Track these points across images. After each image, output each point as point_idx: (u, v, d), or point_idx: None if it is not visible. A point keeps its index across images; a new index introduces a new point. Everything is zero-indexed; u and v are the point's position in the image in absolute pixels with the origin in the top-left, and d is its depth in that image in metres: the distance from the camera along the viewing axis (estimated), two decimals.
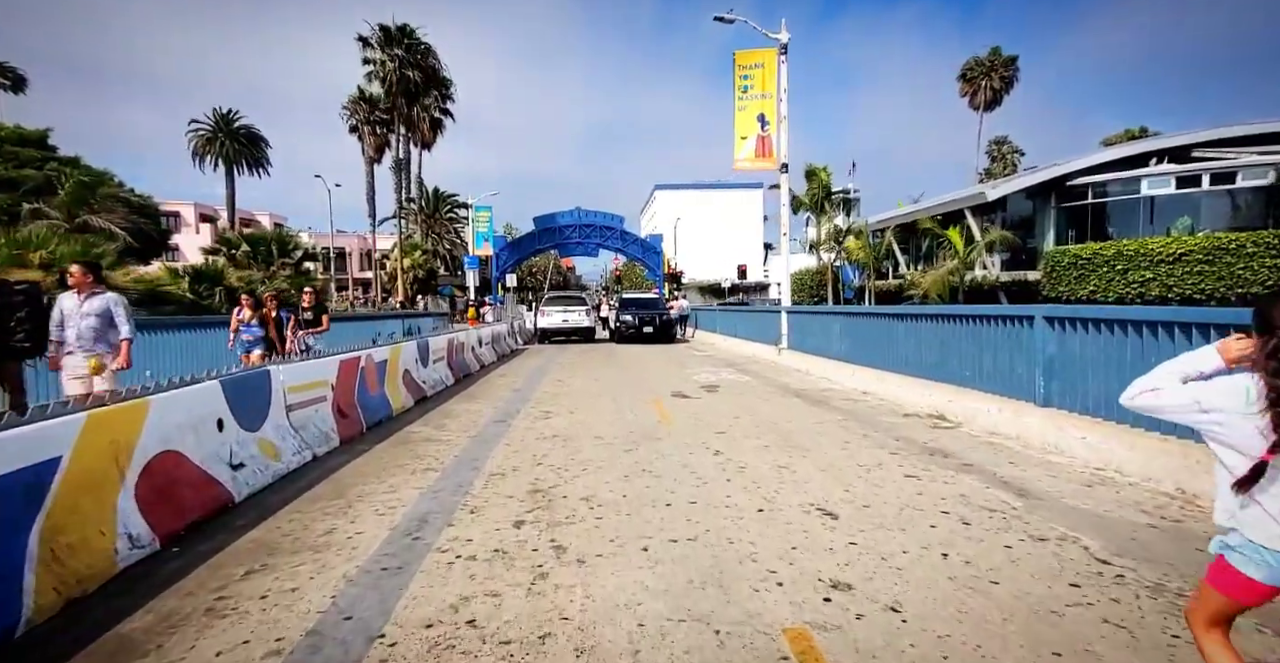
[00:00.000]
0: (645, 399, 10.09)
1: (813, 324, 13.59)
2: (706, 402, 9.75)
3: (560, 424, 8.01)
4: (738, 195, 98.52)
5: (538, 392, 11.23)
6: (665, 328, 23.55)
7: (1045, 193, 23.87)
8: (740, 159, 15.50)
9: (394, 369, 9.61)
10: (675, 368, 15.06)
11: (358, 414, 7.68)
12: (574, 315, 25.46)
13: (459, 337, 14.77)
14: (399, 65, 38.45)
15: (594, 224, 48.13)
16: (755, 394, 10.47)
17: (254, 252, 23.32)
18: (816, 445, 6.53)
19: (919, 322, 8.75)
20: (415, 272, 41.61)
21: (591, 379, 13.00)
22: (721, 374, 13.59)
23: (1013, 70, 59.08)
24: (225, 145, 56.28)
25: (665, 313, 24.22)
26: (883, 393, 9.64)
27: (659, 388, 11.49)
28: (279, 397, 5.95)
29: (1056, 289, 22.84)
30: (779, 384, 11.73)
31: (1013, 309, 6.68)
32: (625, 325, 23.42)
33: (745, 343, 19.47)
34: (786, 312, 15.57)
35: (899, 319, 9.41)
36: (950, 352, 7.90)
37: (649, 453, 6.36)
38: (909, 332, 9.08)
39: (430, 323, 27.58)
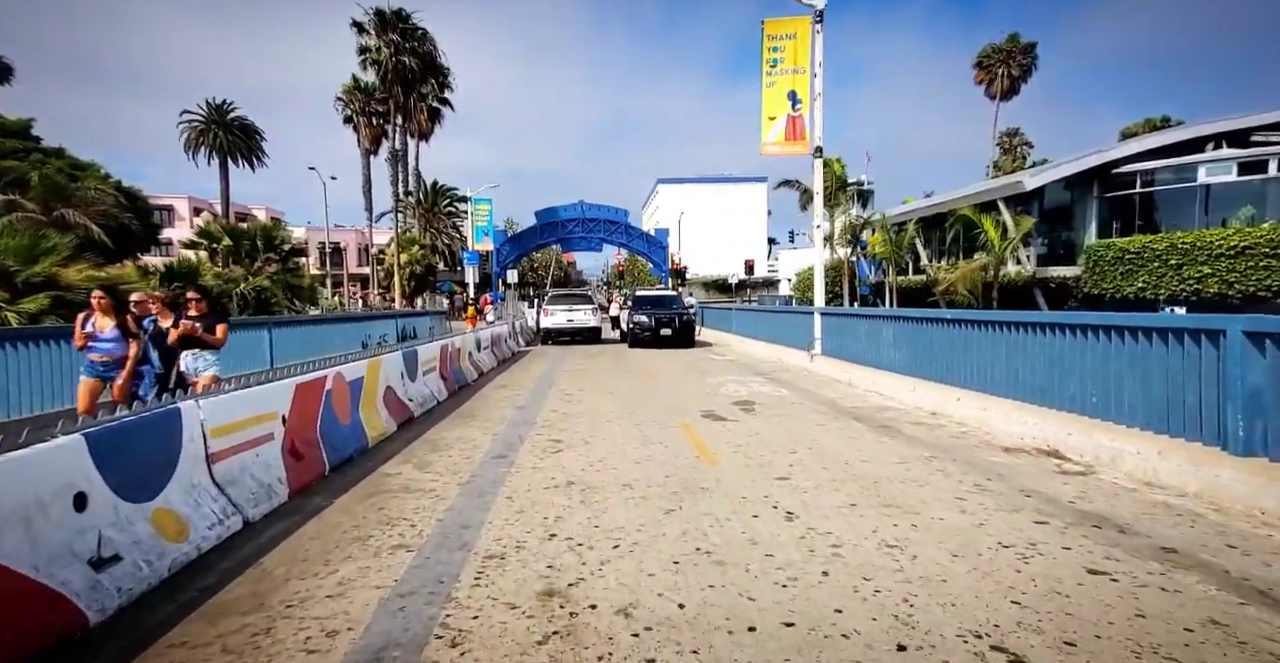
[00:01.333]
0: (672, 422, 8.47)
1: (855, 328, 11.95)
2: (747, 426, 8.12)
3: (575, 462, 6.39)
4: (741, 190, 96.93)
5: (544, 410, 9.61)
6: (685, 331, 20.53)
7: (1086, 182, 22.19)
8: (768, 142, 13.84)
9: (372, 388, 8.00)
10: (695, 377, 13.44)
11: (319, 453, 6.06)
12: (580, 315, 23.83)
13: (455, 342, 13.16)
14: (394, 51, 36.75)
15: (598, 218, 46.44)
16: (802, 415, 8.84)
17: (237, 245, 21.73)
18: (920, 504, 4.90)
19: (1016, 332, 7.11)
20: (413, 267, 39.99)
21: (605, 393, 11.37)
22: (751, 386, 11.96)
23: (1031, 58, 57.21)
24: (219, 137, 54.77)
25: (685, 313, 21.18)
26: (959, 415, 8.01)
27: (684, 405, 9.87)
28: (195, 445, 4.34)
29: (1099, 286, 21.18)
30: (824, 400, 10.10)
31: (1187, 321, 5.04)
32: (639, 328, 20.50)
33: (767, 346, 17.84)
34: (821, 313, 13.93)
35: (982, 327, 7.77)
36: (1067, 370, 6.27)
37: (697, 515, 4.74)
38: (997, 342, 7.44)
39: (427, 323, 25.96)
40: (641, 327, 20.44)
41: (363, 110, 49.88)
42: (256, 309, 18.01)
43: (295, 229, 77.20)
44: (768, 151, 13.91)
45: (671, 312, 20.89)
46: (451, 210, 49.97)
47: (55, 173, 30.84)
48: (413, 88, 39.79)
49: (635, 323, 20.65)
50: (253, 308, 17.85)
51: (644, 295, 24.06)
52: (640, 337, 20.41)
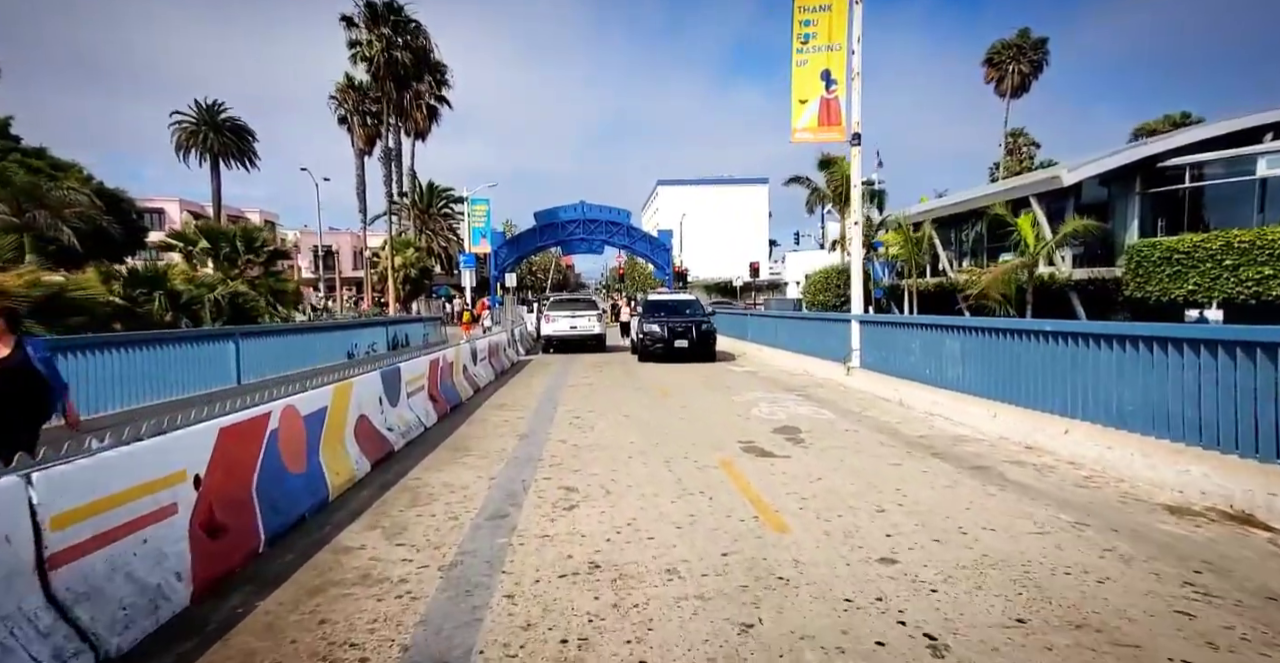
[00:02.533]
0: (708, 458, 6.91)
1: (905, 340, 10.38)
2: (803, 464, 6.55)
3: (596, 526, 4.83)
4: (742, 191, 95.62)
5: (551, 440, 8.04)
6: (705, 342, 17.54)
7: (1127, 177, 20.67)
8: (799, 129, 12.29)
9: (339, 420, 6.43)
10: (719, 394, 11.88)
11: (251, 520, 4.49)
12: (584, 321, 22.25)
13: (447, 354, 11.60)
14: (386, 46, 35.22)
15: (599, 219, 44.91)
16: (865, 448, 7.27)
17: (215, 247, 20.17)
18: (1118, 617, 3.34)
19: (1164, 350, 5.53)
20: (407, 271, 38.42)
21: (619, 415, 9.80)
22: (787, 406, 10.39)
23: (1042, 54, 55.78)
24: (210, 138, 53.30)
25: (704, 321, 18.11)
26: (1067, 452, 6.45)
27: (716, 432, 8.31)
28: (10, 549, 2.76)
29: (1144, 289, 19.63)
30: (880, 426, 8.54)
31: None
32: (650, 338, 17.52)
33: (791, 357, 16.27)
34: (860, 322, 12.37)
35: (1104, 343, 6.19)
36: (1251, 399, 4.70)
37: (788, 638, 3.18)
38: (1129, 362, 5.87)
39: (420, 330, 24.42)
40: (652, 337, 17.61)
41: (356, 109, 48.43)
42: (232, 317, 16.43)
43: (289, 232, 75.87)
44: (799, 139, 12.36)
45: (688, 319, 18.09)
46: (448, 212, 48.42)
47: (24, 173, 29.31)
48: (406, 84, 38.27)
49: (645, 333, 17.78)
50: (227, 316, 16.28)
51: (655, 300, 20.68)
52: (651, 349, 17.63)
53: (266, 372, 12.84)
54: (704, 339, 17.62)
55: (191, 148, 53.40)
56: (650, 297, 22.20)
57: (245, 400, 5.08)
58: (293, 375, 13.76)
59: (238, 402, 4.98)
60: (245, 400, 5.08)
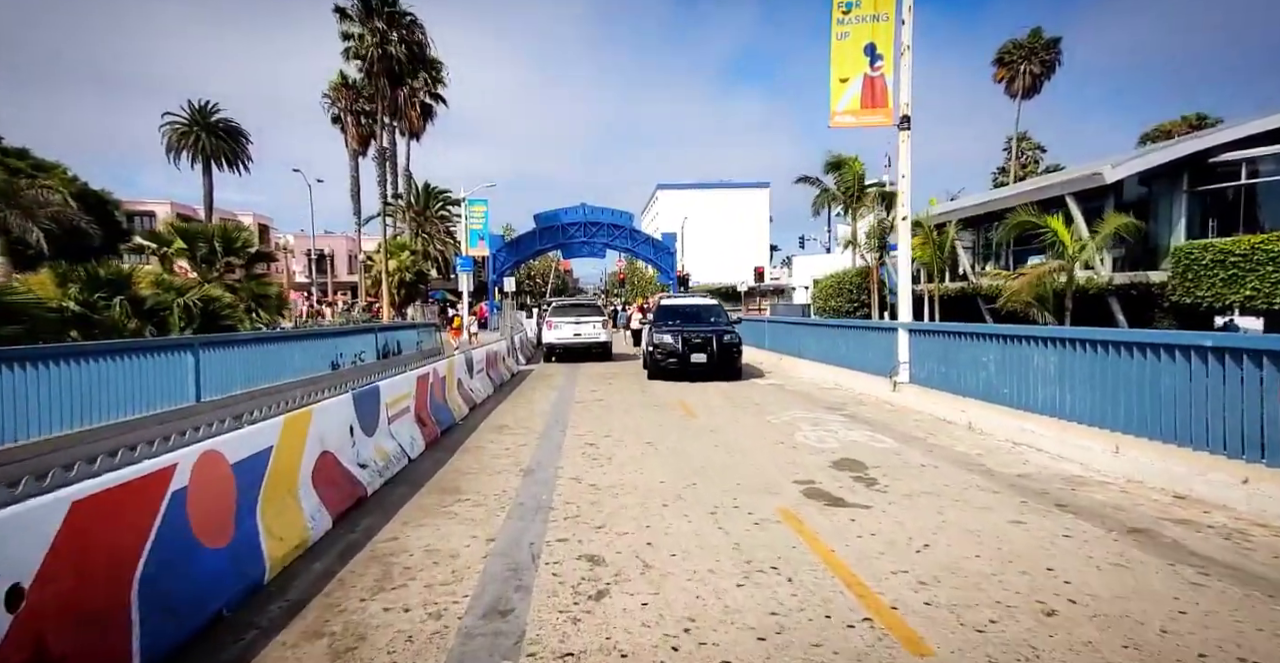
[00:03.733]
0: (765, 508, 5.40)
1: (975, 353, 8.86)
2: (895, 521, 5.04)
3: (641, 639, 3.30)
4: (742, 195, 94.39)
5: (563, 478, 6.52)
6: (727, 357, 14.54)
7: (1173, 174, 19.25)
8: (839, 112, 10.81)
9: (289, 464, 4.90)
10: (751, 413, 10.38)
11: (122, 640, 2.96)
12: (588, 328, 20.75)
13: (438, 368, 10.09)
14: (380, 40, 33.74)
15: (601, 222, 43.50)
16: (963, 495, 5.74)
17: (191, 248, 18.68)
18: None
19: None
20: (402, 275, 36.92)
21: (640, 441, 8.29)
22: (834, 428, 8.89)
23: (1054, 54, 54.44)
24: (202, 139, 51.92)
25: (728, 331, 15.01)
26: (1250, 509, 4.95)
27: (763, 466, 6.80)
28: None
29: (1193, 294, 18.16)
30: (961, 459, 7.03)
31: None
32: (662, 351, 14.57)
33: (821, 368, 14.77)
34: (909, 331, 10.89)
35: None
36: None
37: None
38: None
39: (414, 337, 22.87)
40: (665, 350, 14.55)
41: (350, 108, 47.00)
42: (204, 324, 14.90)
43: (284, 236, 74.33)
44: (839, 123, 10.88)
45: (708, 329, 14.99)
46: (444, 214, 46.96)
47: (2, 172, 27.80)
48: (401, 81, 36.80)
49: (657, 345, 14.73)
50: (199, 323, 14.76)
51: (670, 306, 17.21)
52: (664, 365, 14.60)
53: (234, 386, 11.33)
54: (727, 353, 14.56)
55: (183, 149, 52.03)
56: (663, 301, 18.45)
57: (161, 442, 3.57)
58: (265, 391, 12.25)
59: (184, 433, 3.47)
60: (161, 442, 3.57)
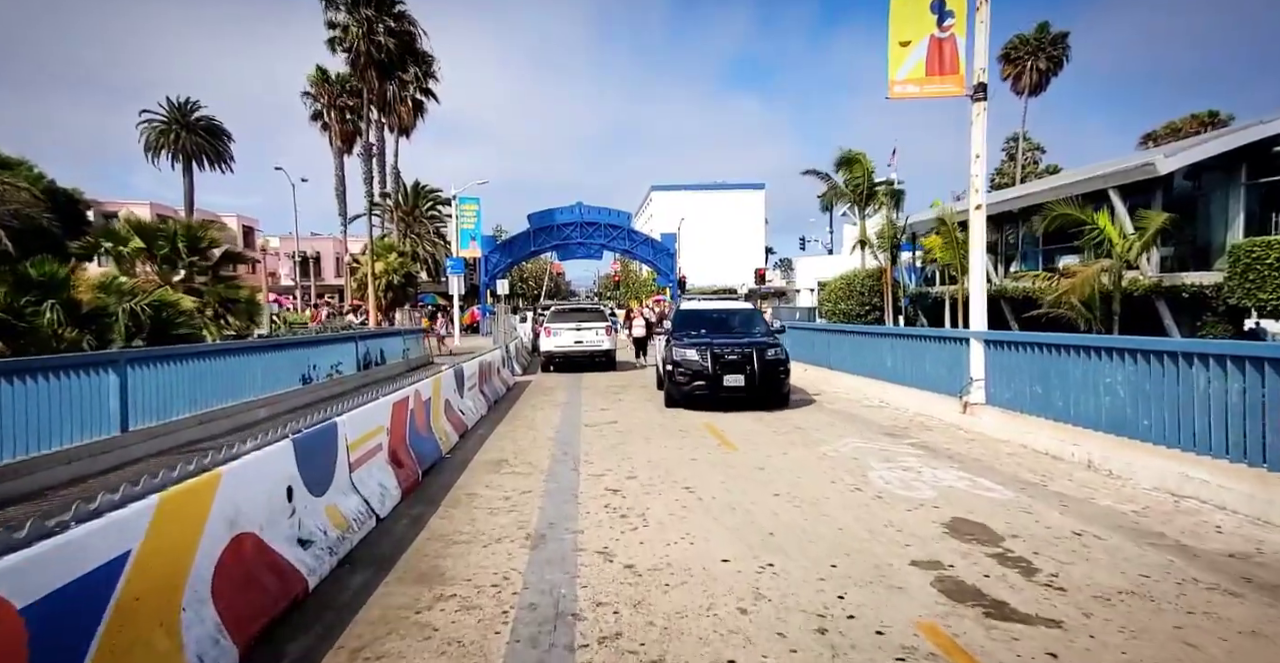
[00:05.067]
0: (899, 622, 3.61)
1: (1092, 373, 7.11)
2: (1127, 660, 3.28)
3: None
4: (738, 197, 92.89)
5: (585, 557, 4.70)
6: (772, 379, 11.10)
7: (1228, 165, 17.69)
8: (900, 81, 9.07)
9: (162, 582, 3.07)
10: (799, 442, 8.62)
11: None
12: (590, 335, 18.96)
13: (423, 389, 8.25)
14: (367, 30, 31.91)
15: (598, 222, 41.70)
16: (1183, 598, 3.97)
17: (150, 248, 16.80)
18: None
19: None
20: (389, 277, 34.94)
21: (681, 490, 6.49)
22: (911, 465, 7.13)
23: (1061, 49, 53.05)
24: (182, 138, 49.89)
25: (771, 344, 11.47)
26: None
27: (853, 532, 5.03)
28: None
29: (1254, 296, 16.53)
30: (1116, 518, 5.27)
31: None
32: (686, 372, 11.21)
33: (863, 382, 13.03)
34: (984, 341, 9.16)
35: None
36: None
37: None
38: None
39: (399, 345, 21.00)
40: (689, 371, 11.14)
41: (333, 104, 45.18)
42: (156, 334, 13.04)
43: (270, 238, 72.17)
44: (899, 94, 9.14)
45: (744, 341, 11.41)
46: (435, 214, 45.05)
47: None
48: (390, 74, 34.97)
49: (678, 363, 11.31)
50: (148, 331, 12.89)
51: (691, 312, 13.53)
52: (688, 390, 11.21)
53: (177, 410, 9.46)
54: (772, 374, 10.97)
55: (162, 148, 50.07)
56: (684, 305, 14.59)
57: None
58: (219, 412, 10.41)
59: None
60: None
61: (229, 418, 10.62)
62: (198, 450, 9.28)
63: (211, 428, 10.06)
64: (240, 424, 10.76)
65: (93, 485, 6.95)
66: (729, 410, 11.04)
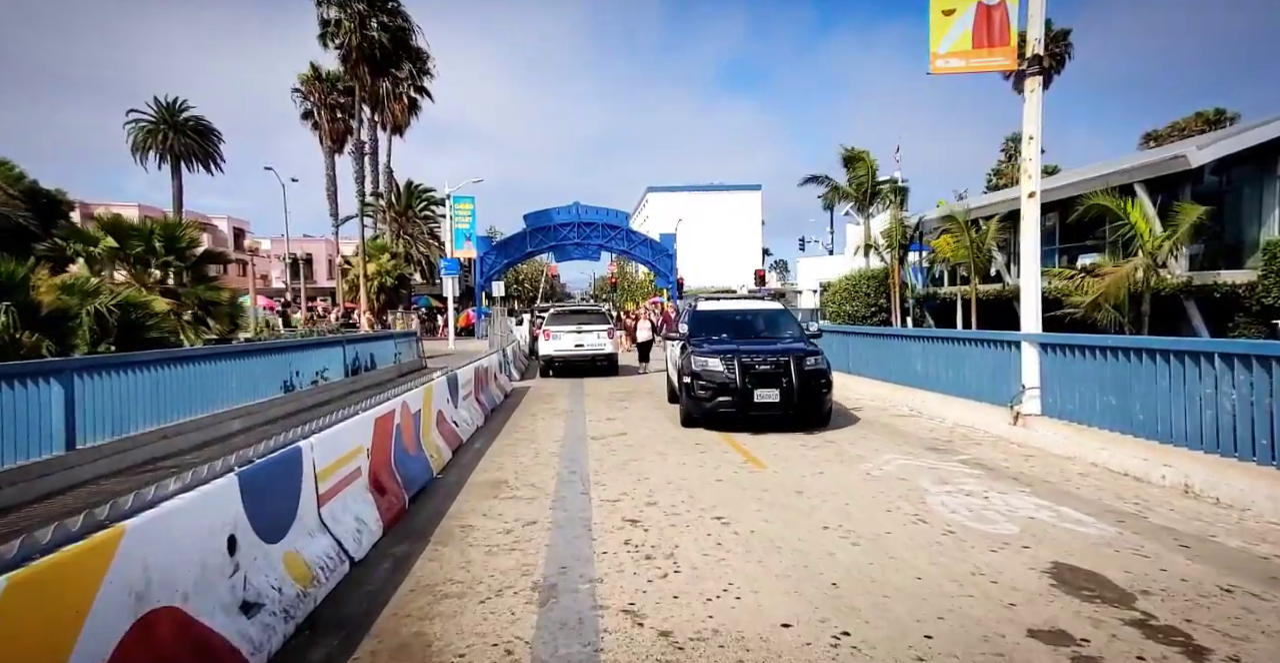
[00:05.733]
0: None
1: (1190, 380, 6.18)
2: None
3: None
4: (734, 198, 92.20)
5: (609, 625, 3.70)
6: (811, 394, 9.32)
7: (1262, 158, 16.86)
8: (943, 54, 8.15)
9: None
10: (835, 459, 7.67)
11: None
12: (592, 337, 17.99)
13: (412, 401, 7.26)
14: (359, 23, 30.91)
15: (595, 222, 40.74)
16: None
17: (123, 247, 15.80)
18: None
19: None
20: (382, 279, 33.96)
21: (712, 521, 5.52)
22: (975, 489, 6.19)
23: (1065, 46, 52.21)
24: (170, 138, 48.83)
25: (809, 351, 9.70)
26: None
27: (936, 583, 4.06)
28: None
29: None
30: (1258, 566, 4.34)
31: None
32: (708, 385, 9.44)
33: (888, 389, 12.10)
34: (1039, 345, 8.23)
35: None
36: None
37: None
38: None
39: (391, 349, 20.00)
40: (712, 384, 9.36)
41: (324, 102, 44.17)
42: (124, 338, 12.02)
43: (261, 239, 71.01)
44: (942, 69, 8.21)
45: (777, 348, 9.75)
46: (428, 214, 44.02)
47: None
48: (383, 70, 33.96)
49: (698, 374, 9.47)
50: (115, 336, 11.88)
51: (710, 313, 11.70)
52: (710, 407, 9.43)
53: (136, 424, 8.47)
54: (812, 388, 9.25)
55: (150, 149, 49.02)
56: (700, 305, 12.28)
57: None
58: (187, 425, 9.41)
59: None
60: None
61: (198, 431, 9.62)
62: (160, 469, 8.29)
63: (177, 443, 9.06)
64: (211, 438, 9.77)
65: (18, 520, 5.95)
66: (761, 437, 10.07)
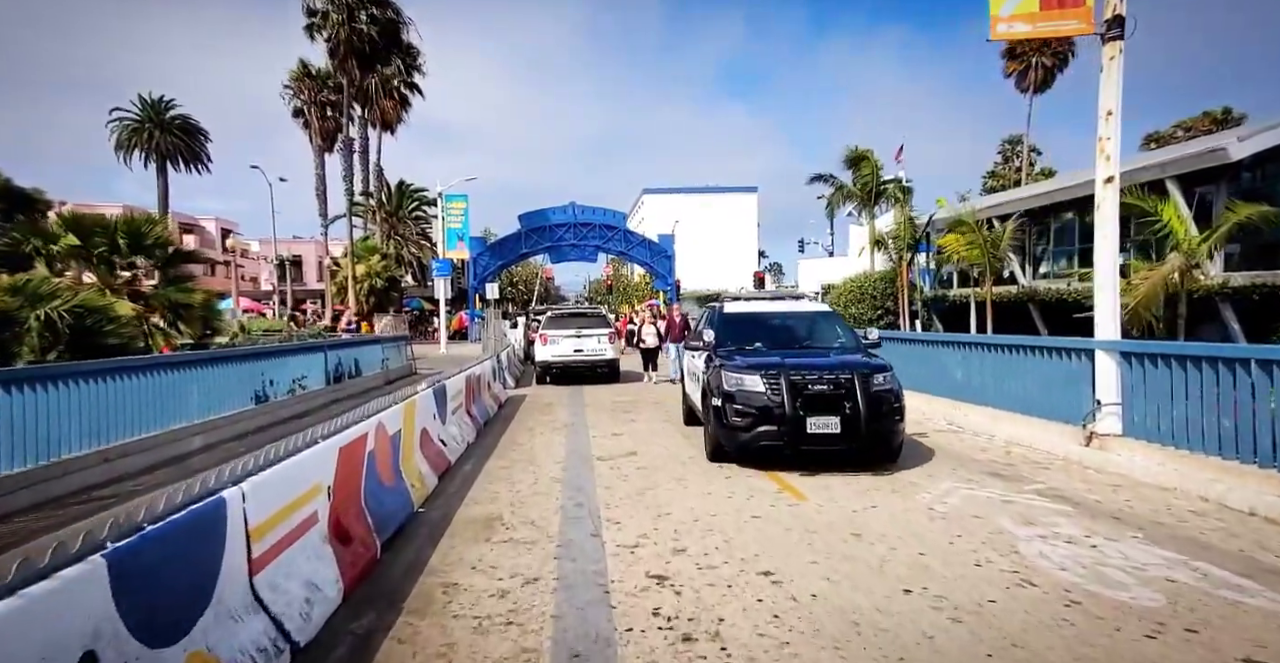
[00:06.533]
0: None
1: None
2: None
3: None
4: (730, 200, 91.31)
5: None
6: (881, 422, 7.03)
7: None
8: (1005, 17, 7.04)
9: None
10: (885, 488, 6.54)
11: None
12: (592, 342, 16.88)
13: (390, 420, 6.08)
14: (348, 15, 29.76)
15: (592, 222, 39.55)
16: None
17: (86, 246, 14.64)
18: None
19: None
20: (371, 281, 32.74)
21: (754, 573, 4.40)
22: (1074, 533, 5.11)
23: (1067, 45, 51.45)
24: (155, 137, 47.57)
25: (874, 365, 7.49)
26: None
27: None
28: None
29: None
30: None
31: None
32: (744, 411, 7.23)
33: (925, 400, 10.96)
34: (1119, 354, 7.13)
35: None
36: None
37: None
38: None
39: (377, 355, 18.80)
40: (753, 407, 7.20)
41: (314, 100, 43.00)
42: (76, 344, 10.84)
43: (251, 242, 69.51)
44: (1004, 35, 7.11)
45: (834, 362, 7.59)
46: (420, 215, 42.82)
47: None
48: (372, 65, 32.82)
49: (731, 395, 7.39)
50: (67, 342, 10.70)
51: (743, 315, 9.48)
52: (749, 438, 7.22)
53: (70, 446, 7.29)
54: (883, 416, 7.07)
55: (134, 147, 47.78)
56: (728, 306, 9.77)
57: None
58: (129, 446, 8.22)
59: None
60: None
61: (149, 451, 8.44)
62: (93, 500, 7.11)
63: (122, 466, 7.88)
64: (165, 458, 8.59)
65: None
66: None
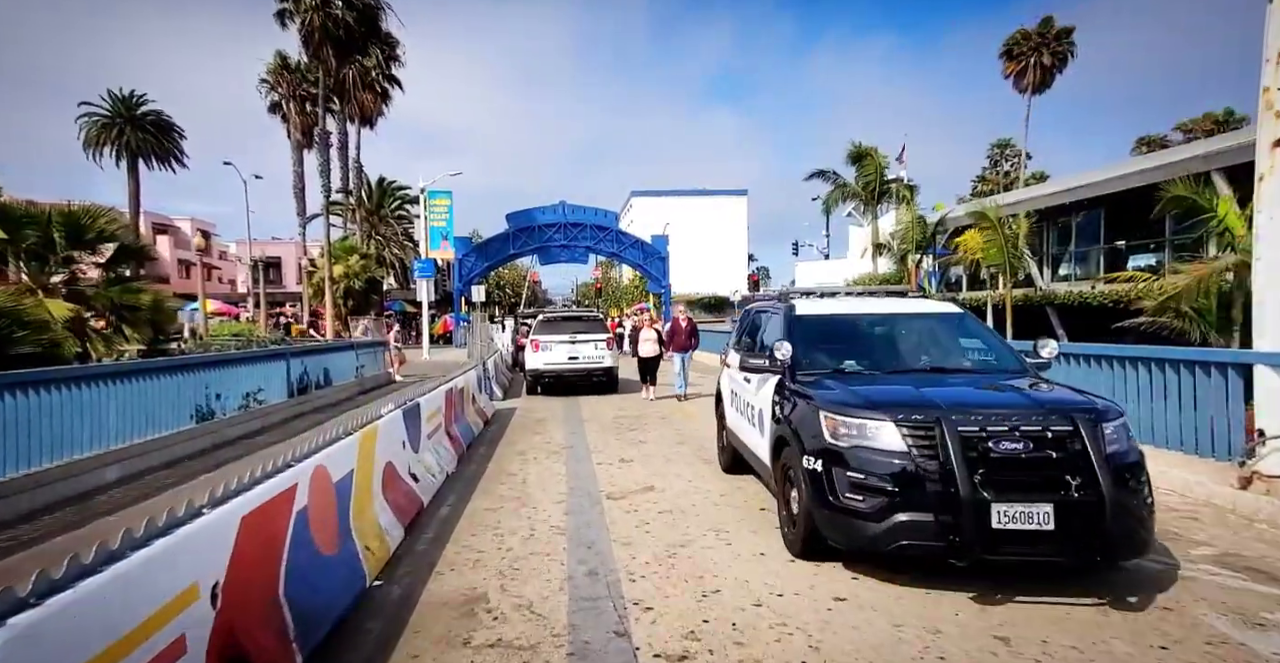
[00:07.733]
0: None
1: None
2: None
3: None
4: (720, 203, 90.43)
5: None
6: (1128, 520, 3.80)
7: None
8: None
9: None
10: None
11: None
12: (588, 348, 15.25)
13: (334, 463, 4.39)
14: (322, 1, 27.99)
15: (583, 223, 37.91)
16: None
17: (13, 239, 12.83)
18: None
19: None
20: (350, 282, 30.92)
21: None
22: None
23: (1067, 44, 50.52)
24: (126, 133, 45.41)
25: (1106, 410, 4.15)
26: None
27: None
28: None
29: None
30: None
31: None
32: (878, 489, 4.01)
33: None
34: None
35: None
36: None
37: None
38: None
39: (351, 362, 17.05)
40: (890, 479, 4.00)
41: (292, 94, 41.14)
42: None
43: (228, 243, 67.22)
44: None
45: (1021, 401, 4.33)
46: (403, 214, 41.03)
47: None
48: (349, 53, 31.03)
49: (845, 456, 4.19)
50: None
51: (826, 319, 5.97)
52: (884, 532, 3.95)
53: None
54: (1128, 496, 3.87)
55: (104, 144, 45.57)
56: (802, 307, 6.16)
57: None
58: (9, 486, 6.48)
59: None
60: None
61: (39, 488, 6.69)
62: None
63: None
64: (61, 497, 6.86)
65: None
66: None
